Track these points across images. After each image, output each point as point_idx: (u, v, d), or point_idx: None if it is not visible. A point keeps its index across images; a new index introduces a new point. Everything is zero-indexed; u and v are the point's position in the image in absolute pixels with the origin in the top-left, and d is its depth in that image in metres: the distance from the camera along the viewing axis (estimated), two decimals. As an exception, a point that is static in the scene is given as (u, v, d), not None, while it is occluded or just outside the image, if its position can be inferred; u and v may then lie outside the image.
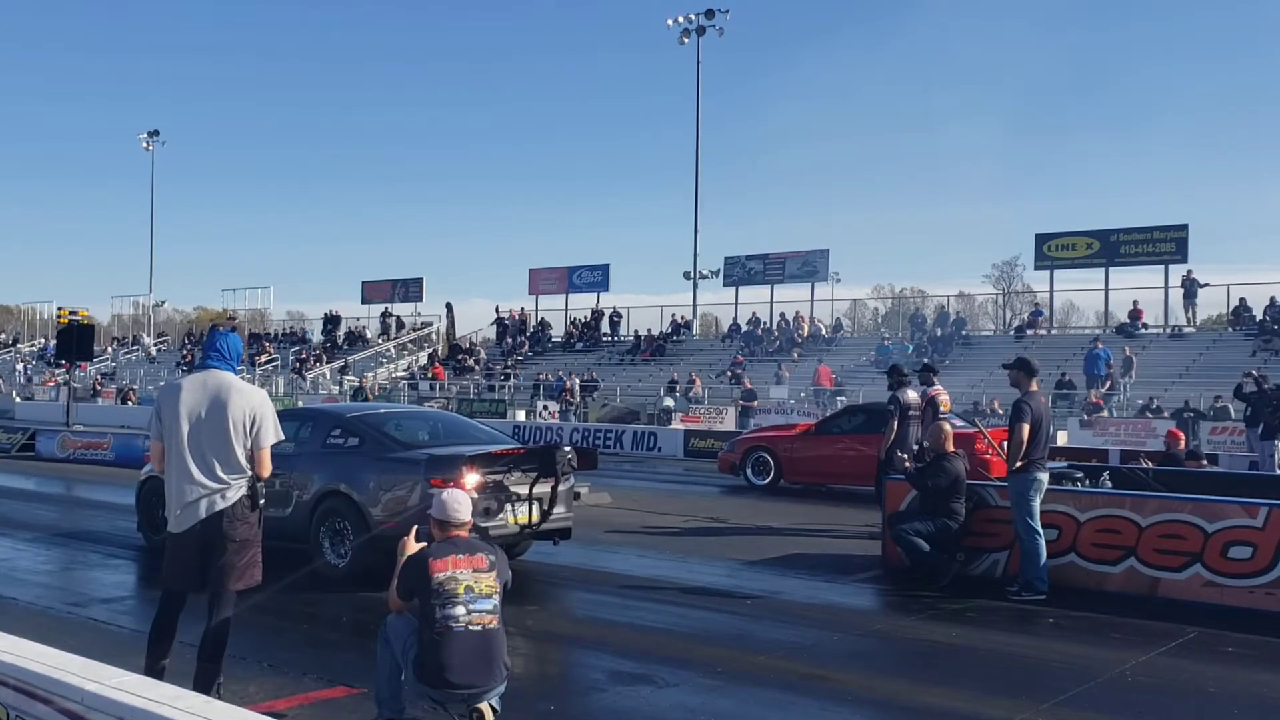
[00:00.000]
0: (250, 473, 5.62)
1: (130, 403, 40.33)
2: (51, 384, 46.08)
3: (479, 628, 5.04)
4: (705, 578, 9.92)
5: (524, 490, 9.20)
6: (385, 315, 48.74)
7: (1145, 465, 12.73)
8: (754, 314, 39.28)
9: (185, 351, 50.17)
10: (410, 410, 13.88)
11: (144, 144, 59.24)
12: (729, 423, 28.56)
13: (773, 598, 9.02)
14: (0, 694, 4.08)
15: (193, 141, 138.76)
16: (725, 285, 41.29)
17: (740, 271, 40.54)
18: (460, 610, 5.00)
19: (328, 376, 42.73)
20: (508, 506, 9.10)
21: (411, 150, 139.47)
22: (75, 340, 27.16)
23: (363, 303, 50.56)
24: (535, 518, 9.33)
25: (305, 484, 9.62)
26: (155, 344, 56.77)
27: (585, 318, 43.61)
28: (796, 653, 7.21)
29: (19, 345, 61.82)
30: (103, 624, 7.89)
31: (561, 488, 9.53)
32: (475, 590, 5.07)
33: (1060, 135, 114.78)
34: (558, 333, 44.01)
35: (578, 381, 34.30)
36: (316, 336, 50.43)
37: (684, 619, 8.38)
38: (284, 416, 12.65)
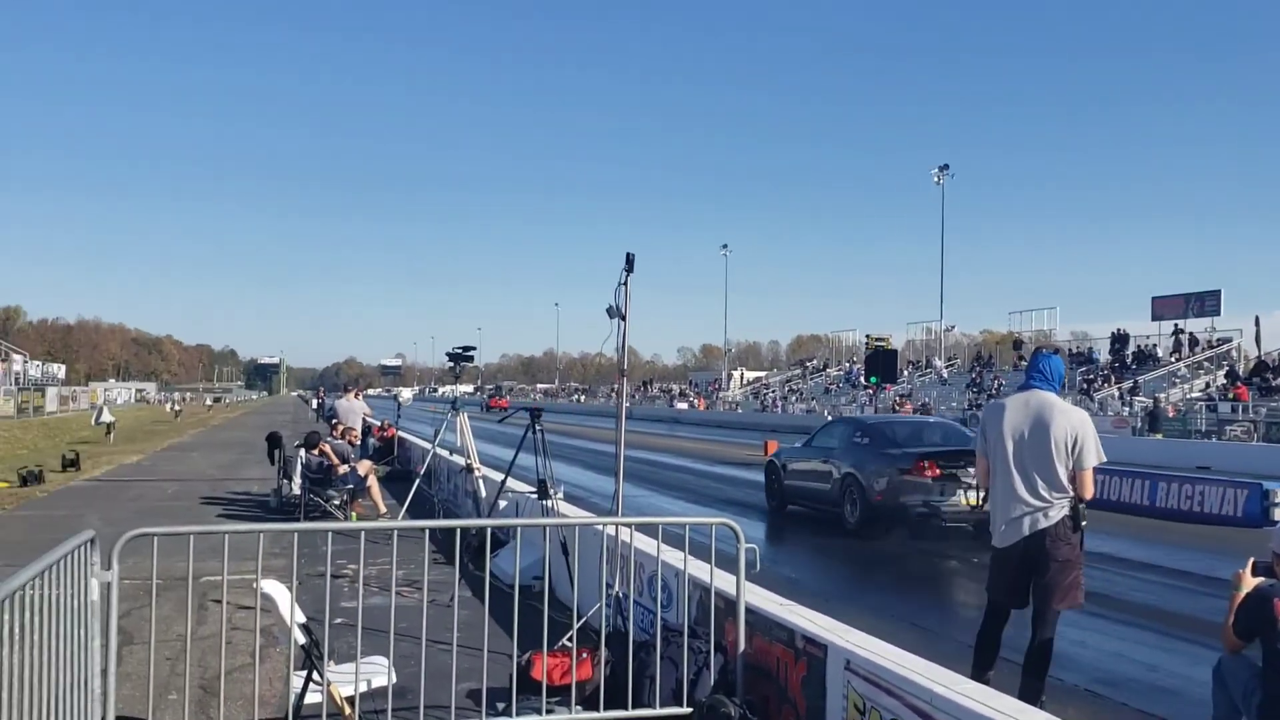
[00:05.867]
0: (1072, 493, 5.61)
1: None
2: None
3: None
4: None
5: (971, 480, 11.83)
6: (1177, 332, 45.78)
7: None
8: None
9: (974, 373, 51.79)
10: (917, 420, 18.31)
11: (935, 178, 62.46)
12: None
13: None
14: (856, 683, 4.51)
15: (979, 174, 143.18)
16: None
17: None
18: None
19: (1116, 397, 41.11)
20: (959, 492, 12.45)
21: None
22: (880, 363, 29.61)
23: (1152, 319, 48.33)
24: (980, 501, 10.62)
25: (839, 468, 14.02)
26: (945, 366, 59.39)
27: None
28: None
29: (827, 369, 68.84)
30: (921, 627, 8.35)
31: None
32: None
33: None
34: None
35: None
36: (1103, 356, 48.92)
37: None
38: (831, 423, 17.19)
